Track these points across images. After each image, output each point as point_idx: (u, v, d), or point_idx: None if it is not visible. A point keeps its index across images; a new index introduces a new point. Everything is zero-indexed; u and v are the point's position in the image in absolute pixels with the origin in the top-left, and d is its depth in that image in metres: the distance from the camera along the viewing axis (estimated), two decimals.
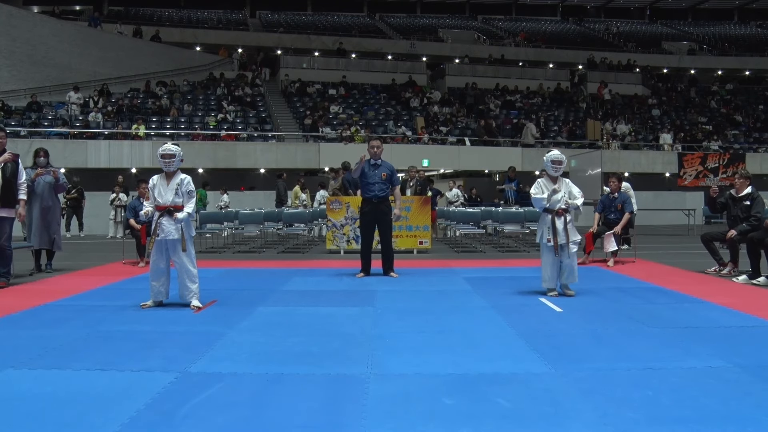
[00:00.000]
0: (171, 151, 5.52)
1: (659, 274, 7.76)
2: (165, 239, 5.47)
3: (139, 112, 20.37)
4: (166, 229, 5.45)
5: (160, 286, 5.58)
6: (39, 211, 7.91)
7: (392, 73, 26.90)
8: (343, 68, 26.85)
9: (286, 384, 3.38)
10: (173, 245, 5.50)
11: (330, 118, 21.98)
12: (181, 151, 5.64)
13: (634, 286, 6.88)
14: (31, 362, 3.79)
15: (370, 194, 7.55)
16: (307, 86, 24.69)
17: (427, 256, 10.34)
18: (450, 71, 27.77)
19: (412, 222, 10.55)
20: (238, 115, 21.38)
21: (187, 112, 21.06)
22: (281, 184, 16.01)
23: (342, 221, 10.58)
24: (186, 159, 18.13)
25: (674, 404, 3.03)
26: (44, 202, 7.97)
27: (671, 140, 23.01)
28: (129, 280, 7.53)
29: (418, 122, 22.55)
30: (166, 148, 5.55)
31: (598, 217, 9.18)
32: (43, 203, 7.95)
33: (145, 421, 2.86)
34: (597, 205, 9.48)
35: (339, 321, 5.01)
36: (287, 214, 12.07)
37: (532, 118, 23.77)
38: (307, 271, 8.35)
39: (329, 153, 18.77)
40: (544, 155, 6.23)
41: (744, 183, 7.76)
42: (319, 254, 10.72)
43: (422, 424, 2.82)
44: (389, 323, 4.92)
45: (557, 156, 6.08)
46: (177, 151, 5.57)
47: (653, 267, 8.59)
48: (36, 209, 7.90)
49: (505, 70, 28.53)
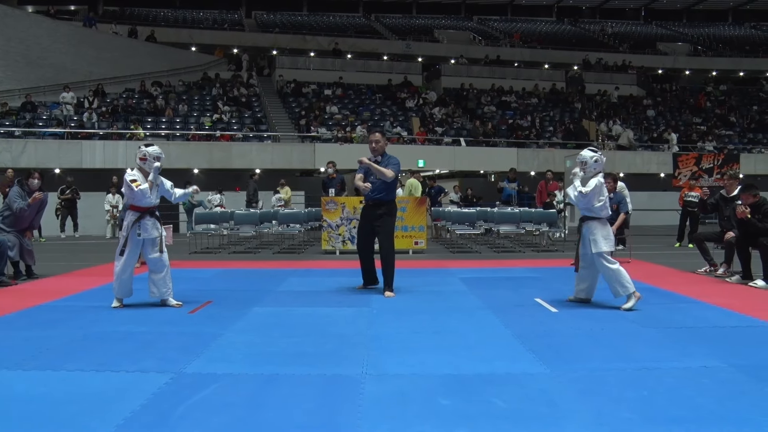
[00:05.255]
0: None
1: (654, 275, 7.78)
2: (146, 239, 5.57)
3: (135, 112, 20.31)
4: (149, 229, 5.58)
5: (131, 286, 5.68)
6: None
7: (388, 74, 26.92)
8: (338, 69, 26.86)
9: (282, 385, 3.37)
10: (152, 243, 5.60)
11: (326, 118, 21.98)
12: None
13: None
14: (25, 363, 3.77)
15: (366, 196, 6.51)
16: (302, 87, 24.67)
17: (422, 256, 10.34)
18: (446, 72, 27.80)
19: (407, 222, 10.54)
20: (234, 115, 21.35)
21: (182, 112, 21.01)
22: (252, 184, 15.95)
23: (337, 221, 10.58)
24: (181, 159, 18.11)
25: (670, 404, 3.04)
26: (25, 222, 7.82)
27: (676, 140, 23.02)
28: None
29: (414, 123, 22.56)
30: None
31: None
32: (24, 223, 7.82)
33: (141, 422, 2.85)
34: None
35: (335, 321, 5.00)
36: (282, 215, 12.05)
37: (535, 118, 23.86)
38: (303, 272, 8.33)
39: (325, 153, 18.73)
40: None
41: (734, 184, 7.83)
42: (314, 255, 10.70)
43: (418, 424, 2.82)
44: (385, 324, 4.92)
45: (579, 156, 5.63)
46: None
47: (648, 267, 8.61)
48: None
49: (500, 71, 28.60)
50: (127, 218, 5.62)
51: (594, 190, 5.42)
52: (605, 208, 5.49)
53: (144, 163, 5.63)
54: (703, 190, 8.13)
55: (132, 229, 5.52)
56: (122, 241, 5.55)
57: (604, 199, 5.45)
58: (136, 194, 5.52)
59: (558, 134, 23.31)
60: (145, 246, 5.60)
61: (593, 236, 5.47)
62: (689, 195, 11.55)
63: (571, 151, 19.19)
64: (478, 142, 21.69)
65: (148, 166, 5.63)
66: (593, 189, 5.42)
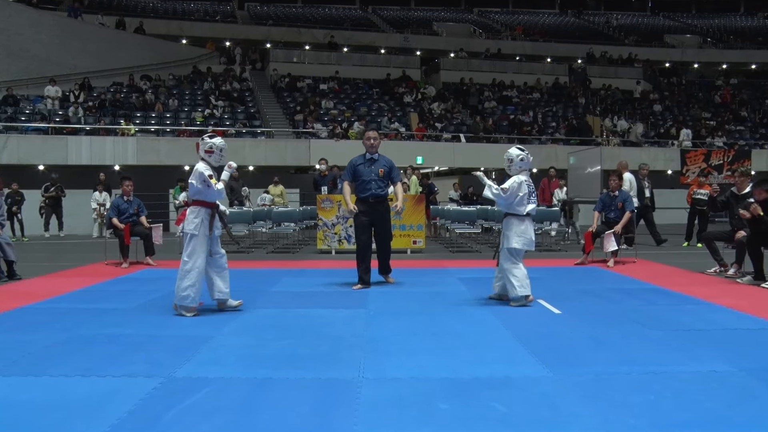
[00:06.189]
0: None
1: (661, 275, 7.79)
2: (216, 236, 5.47)
3: (123, 106, 20.26)
4: (218, 224, 5.49)
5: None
6: None
7: (386, 68, 26.90)
8: (334, 62, 26.80)
9: (275, 388, 3.37)
10: (218, 240, 5.53)
11: (321, 113, 21.96)
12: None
13: (635, 287, 6.91)
14: (6, 369, 3.75)
15: (366, 193, 6.92)
16: (297, 81, 24.64)
17: (421, 256, 10.35)
18: (445, 66, 27.80)
19: (405, 221, 10.54)
20: (226, 110, 21.33)
21: (172, 107, 20.98)
22: (235, 185, 15.87)
23: (333, 220, 10.58)
24: (172, 156, 18.05)
25: (677, 409, 3.04)
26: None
27: (690, 135, 22.97)
28: (112, 282, 7.49)
29: (413, 118, 22.55)
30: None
31: (597, 215, 9.22)
32: None
33: (128, 428, 2.84)
34: (597, 203, 9.48)
35: (330, 323, 5.00)
36: (276, 213, 12.05)
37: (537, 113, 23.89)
38: (298, 272, 8.34)
39: (320, 150, 18.71)
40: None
41: (745, 181, 7.84)
42: (309, 254, 10.70)
43: (416, 429, 2.82)
44: (382, 325, 4.92)
45: (507, 153, 6.01)
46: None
47: (655, 267, 8.62)
48: None
49: (501, 65, 28.58)
50: (196, 215, 5.34)
51: (511, 190, 5.78)
52: (522, 204, 5.80)
53: (210, 156, 5.46)
54: (712, 187, 8.13)
55: (203, 227, 5.31)
56: (196, 241, 5.27)
57: (522, 195, 5.77)
58: (211, 192, 5.35)
59: (561, 130, 23.33)
60: (213, 243, 5.46)
61: (508, 231, 5.85)
62: (698, 192, 11.56)
63: (575, 147, 19.21)
64: (479, 139, 21.66)
65: (215, 159, 5.48)
66: (510, 188, 5.78)
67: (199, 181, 5.33)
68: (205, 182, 5.30)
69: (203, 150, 5.48)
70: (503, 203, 5.88)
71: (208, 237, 5.36)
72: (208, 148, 5.47)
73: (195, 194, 5.43)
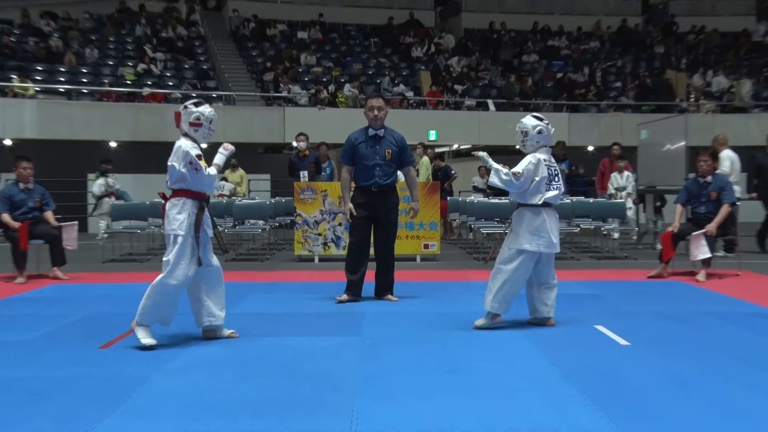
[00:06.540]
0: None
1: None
2: (206, 238, 5.44)
3: (15, 56, 19.96)
4: (208, 223, 5.48)
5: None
6: None
7: (387, 9, 26.89)
8: (317, 2, 26.78)
9: None
10: (209, 244, 5.51)
11: (300, 72, 21.97)
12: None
13: (739, 310, 6.86)
14: None
15: (368, 182, 6.91)
16: (266, 27, 24.63)
17: (434, 265, 10.36)
18: (468, 6, 27.85)
19: (414, 218, 10.52)
20: (168, 65, 21.31)
21: (90, 59, 20.86)
22: None
23: (316, 216, 10.56)
24: (90, 127, 17.95)
25: None
26: None
27: None
28: (0, 303, 7.45)
29: (424, 79, 22.56)
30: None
31: (680, 210, 9.14)
32: None
33: None
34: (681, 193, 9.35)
35: (312, 355, 5.01)
36: (239, 208, 12.04)
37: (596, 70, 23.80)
38: (268, 287, 8.36)
39: (299, 121, 18.68)
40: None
41: None
42: (284, 263, 10.72)
43: None
44: (383, 358, 4.93)
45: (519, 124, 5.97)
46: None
47: (765, 282, 8.60)
48: None
49: (546, 3, 28.56)
50: (180, 209, 5.23)
51: (526, 173, 5.69)
52: (540, 192, 5.74)
53: (197, 131, 5.35)
54: None
55: (190, 226, 5.20)
56: (180, 244, 5.16)
57: (539, 180, 5.72)
58: (200, 178, 5.25)
59: (629, 92, 23.33)
60: (204, 248, 5.38)
61: (518, 228, 5.80)
62: None
63: (649, 116, 19.16)
64: (514, 106, 21.66)
65: (203, 134, 5.37)
66: (525, 172, 5.69)
67: (183, 164, 5.20)
68: (192, 164, 5.19)
69: (187, 122, 5.35)
70: (516, 191, 5.82)
71: (195, 239, 5.25)
72: (194, 120, 5.33)
73: (177, 181, 5.29)
